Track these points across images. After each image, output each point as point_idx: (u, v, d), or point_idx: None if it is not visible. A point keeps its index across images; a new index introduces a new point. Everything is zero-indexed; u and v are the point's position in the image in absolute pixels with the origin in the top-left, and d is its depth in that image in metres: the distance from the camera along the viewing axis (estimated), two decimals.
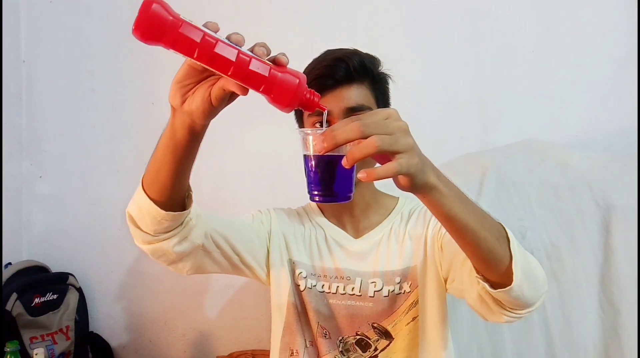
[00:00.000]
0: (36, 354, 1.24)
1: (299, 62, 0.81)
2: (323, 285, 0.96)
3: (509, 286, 0.68)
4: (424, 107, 1.57)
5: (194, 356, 1.73)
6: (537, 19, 1.52)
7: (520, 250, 0.71)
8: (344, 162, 0.59)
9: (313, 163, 0.67)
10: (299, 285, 0.97)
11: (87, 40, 1.78)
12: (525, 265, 0.70)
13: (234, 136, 1.68)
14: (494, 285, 0.71)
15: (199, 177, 1.70)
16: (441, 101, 1.56)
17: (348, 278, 0.95)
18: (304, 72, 0.85)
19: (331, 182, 0.67)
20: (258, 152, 1.68)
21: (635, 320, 1.12)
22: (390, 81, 0.98)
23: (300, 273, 0.97)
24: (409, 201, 1.01)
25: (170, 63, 1.94)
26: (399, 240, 0.96)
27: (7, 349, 1.15)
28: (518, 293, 0.69)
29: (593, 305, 1.16)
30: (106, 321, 1.78)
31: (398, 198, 1.03)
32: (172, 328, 1.74)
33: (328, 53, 0.94)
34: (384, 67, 0.96)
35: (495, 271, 0.70)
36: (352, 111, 0.88)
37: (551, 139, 1.41)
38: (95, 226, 1.78)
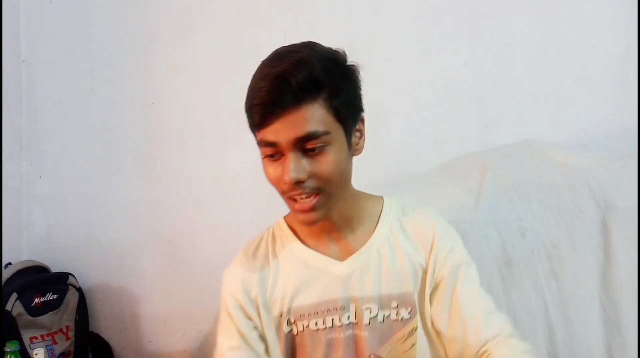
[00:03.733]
0: (36, 354, 1.24)
1: None
2: (316, 323, 0.85)
3: None
4: (423, 107, 1.57)
5: (194, 356, 1.73)
6: (537, 19, 1.52)
7: None
8: None
9: None
10: (290, 331, 0.86)
11: (87, 40, 1.78)
12: None
13: (234, 136, 1.67)
14: None
15: (199, 177, 1.73)
16: (441, 101, 1.56)
17: (342, 308, 0.84)
18: (251, 82, 0.77)
19: None
20: (257, 153, 1.68)
21: (637, 319, 1.12)
22: (360, 73, 0.82)
23: (288, 319, 0.86)
24: (394, 201, 0.90)
25: (170, 63, 1.95)
26: (394, 256, 0.85)
27: (7, 349, 1.14)
28: None
29: (594, 305, 1.15)
30: (106, 321, 1.78)
31: (382, 198, 0.91)
32: (172, 328, 1.74)
33: (271, 63, 0.77)
34: (350, 60, 0.80)
35: None
36: (304, 140, 0.74)
37: (551, 139, 1.41)
38: (95, 226, 1.78)
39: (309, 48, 0.78)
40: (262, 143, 0.78)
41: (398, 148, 1.57)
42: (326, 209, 0.79)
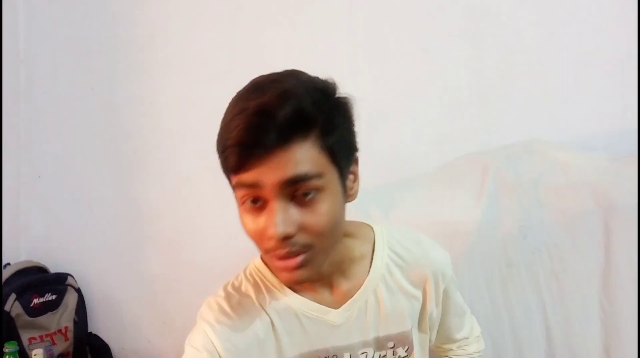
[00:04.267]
0: (35, 355, 1.24)
1: (299, 62, 0.80)
2: None
3: None
4: (424, 108, 1.57)
5: None
6: (538, 19, 1.52)
7: None
8: None
9: None
10: None
11: (86, 40, 1.78)
12: None
13: None
14: None
15: (198, 178, 1.72)
16: (441, 101, 1.56)
17: (334, 357, 0.77)
18: (224, 118, 0.65)
19: None
20: None
21: (636, 321, 1.11)
22: (353, 107, 0.69)
23: None
24: (385, 233, 0.81)
25: (169, 63, 1.94)
26: (391, 296, 0.78)
27: (6, 350, 1.14)
28: None
29: (594, 305, 1.16)
30: (105, 322, 1.77)
31: (371, 228, 0.81)
32: (171, 329, 1.74)
33: (252, 93, 0.64)
34: (341, 92, 0.68)
35: None
36: (293, 183, 0.62)
37: (552, 139, 1.41)
38: (94, 227, 1.77)
39: (294, 77, 0.66)
40: (238, 186, 0.64)
41: (398, 148, 1.56)
42: (315, 268, 0.67)
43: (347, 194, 0.70)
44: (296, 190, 0.63)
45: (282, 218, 0.62)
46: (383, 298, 0.77)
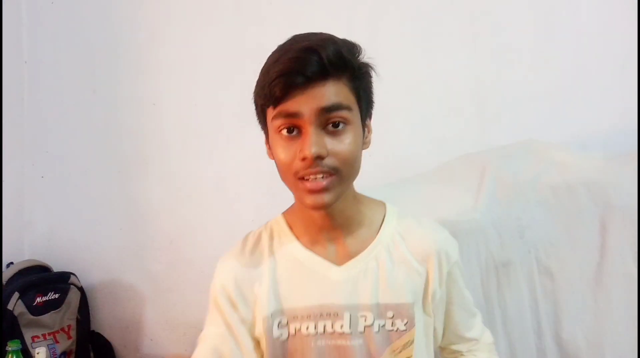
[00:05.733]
0: (38, 353, 1.25)
1: None
2: (308, 327, 0.81)
3: None
4: (423, 107, 1.57)
5: None
6: (536, 19, 1.52)
7: None
8: None
9: None
10: (280, 337, 0.82)
11: (88, 41, 1.79)
12: None
13: (234, 136, 1.68)
14: None
15: (198, 178, 1.73)
16: (440, 100, 1.57)
17: (336, 315, 0.81)
18: (265, 65, 0.76)
19: None
20: (258, 152, 1.68)
21: (629, 321, 1.12)
22: (373, 73, 0.82)
23: (279, 322, 0.82)
24: (397, 210, 0.88)
25: (171, 64, 1.95)
26: (393, 266, 0.82)
27: (9, 348, 1.15)
28: None
29: (589, 304, 1.16)
30: (108, 320, 1.78)
31: (384, 204, 0.88)
32: (173, 327, 1.75)
33: (296, 40, 0.76)
34: (366, 57, 0.80)
35: None
36: (328, 111, 0.72)
37: (550, 139, 1.41)
38: (96, 226, 1.79)
39: (330, 34, 0.77)
40: (280, 115, 0.73)
41: (397, 148, 1.57)
42: (337, 194, 0.75)
43: (364, 141, 0.81)
44: (329, 119, 0.73)
45: (316, 140, 0.71)
46: (385, 266, 0.82)
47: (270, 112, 0.75)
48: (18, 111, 1.79)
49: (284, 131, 0.74)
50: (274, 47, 0.79)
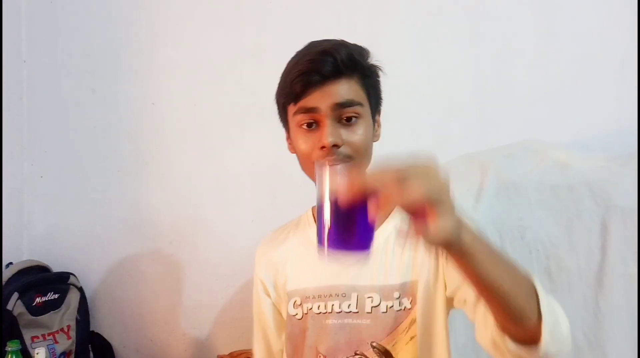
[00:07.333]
0: (37, 353, 1.24)
1: None
2: (319, 306, 0.89)
3: (534, 346, 0.63)
4: (423, 107, 1.57)
5: (194, 355, 1.73)
6: (537, 19, 1.53)
7: (550, 308, 0.64)
8: (372, 207, 0.53)
9: (331, 206, 0.58)
10: (296, 315, 0.91)
11: (87, 40, 1.79)
12: (554, 326, 0.64)
13: (234, 136, 1.68)
14: (516, 339, 0.65)
15: (199, 178, 1.73)
16: (441, 101, 1.57)
17: (344, 295, 0.88)
18: (286, 68, 0.87)
19: (352, 230, 0.57)
20: (258, 152, 1.69)
21: (629, 321, 1.12)
22: (380, 73, 0.92)
23: (295, 301, 0.92)
24: None
25: (170, 63, 1.95)
26: (400, 249, 0.87)
27: (8, 348, 1.15)
28: (542, 354, 0.64)
29: (588, 303, 1.16)
30: (107, 320, 1.78)
31: None
32: (173, 328, 1.75)
33: (312, 45, 0.87)
34: (374, 59, 0.90)
35: (521, 329, 0.64)
36: (342, 106, 0.82)
37: (551, 139, 1.41)
38: (96, 226, 1.78)
39: (342, 40, 0.88)
40: (300, 111, 0.84)
41: (398, 148, 1.56)
42: None
43: (374, 134, 0.89)
44: (343, 113, 0.83)
45: (332, 131, 0.81)
46: (391, 252, 0.88)
47: (292, 109, 0.85)
48: (17, 110, 1.78)
49: (305, 126, 0.84)
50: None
